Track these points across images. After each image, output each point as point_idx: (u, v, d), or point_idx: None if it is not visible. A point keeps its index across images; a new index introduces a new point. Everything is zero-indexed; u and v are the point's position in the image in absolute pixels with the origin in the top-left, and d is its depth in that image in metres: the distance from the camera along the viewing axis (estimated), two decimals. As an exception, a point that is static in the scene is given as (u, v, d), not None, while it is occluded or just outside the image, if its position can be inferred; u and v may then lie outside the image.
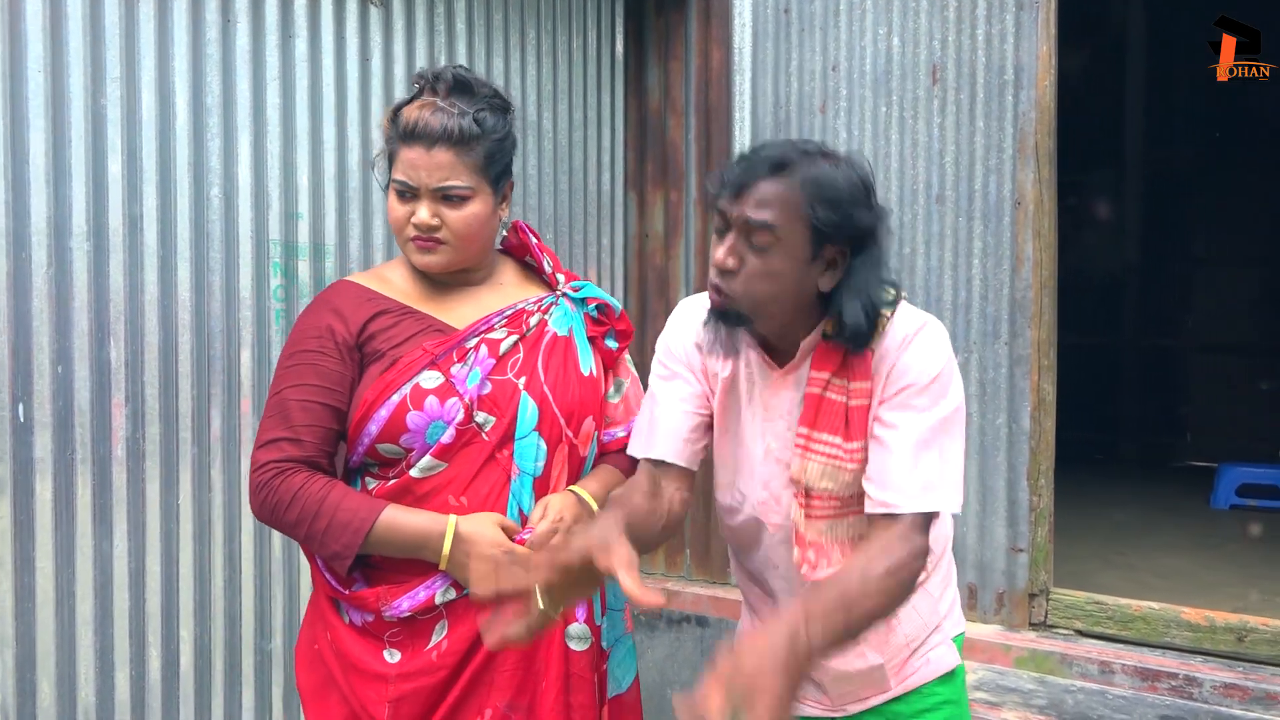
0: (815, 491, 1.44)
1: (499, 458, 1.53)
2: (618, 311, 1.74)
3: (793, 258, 1.35)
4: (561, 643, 1.58)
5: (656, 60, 3.76)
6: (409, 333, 1.55)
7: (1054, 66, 3.06)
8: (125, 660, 2.20)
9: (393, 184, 1.55)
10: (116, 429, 2.19)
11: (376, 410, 1.49)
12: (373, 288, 1.60)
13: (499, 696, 1.52)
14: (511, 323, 1.60)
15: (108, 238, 2.17)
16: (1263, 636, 2.81)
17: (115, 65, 2.18)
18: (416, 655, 1.51)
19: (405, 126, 1.52)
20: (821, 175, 1.34)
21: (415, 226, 1.54)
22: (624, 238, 3.80)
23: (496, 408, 1.53)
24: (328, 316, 1.54)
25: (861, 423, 1.41)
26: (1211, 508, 5.83)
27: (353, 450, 1.54)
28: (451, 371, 1.51)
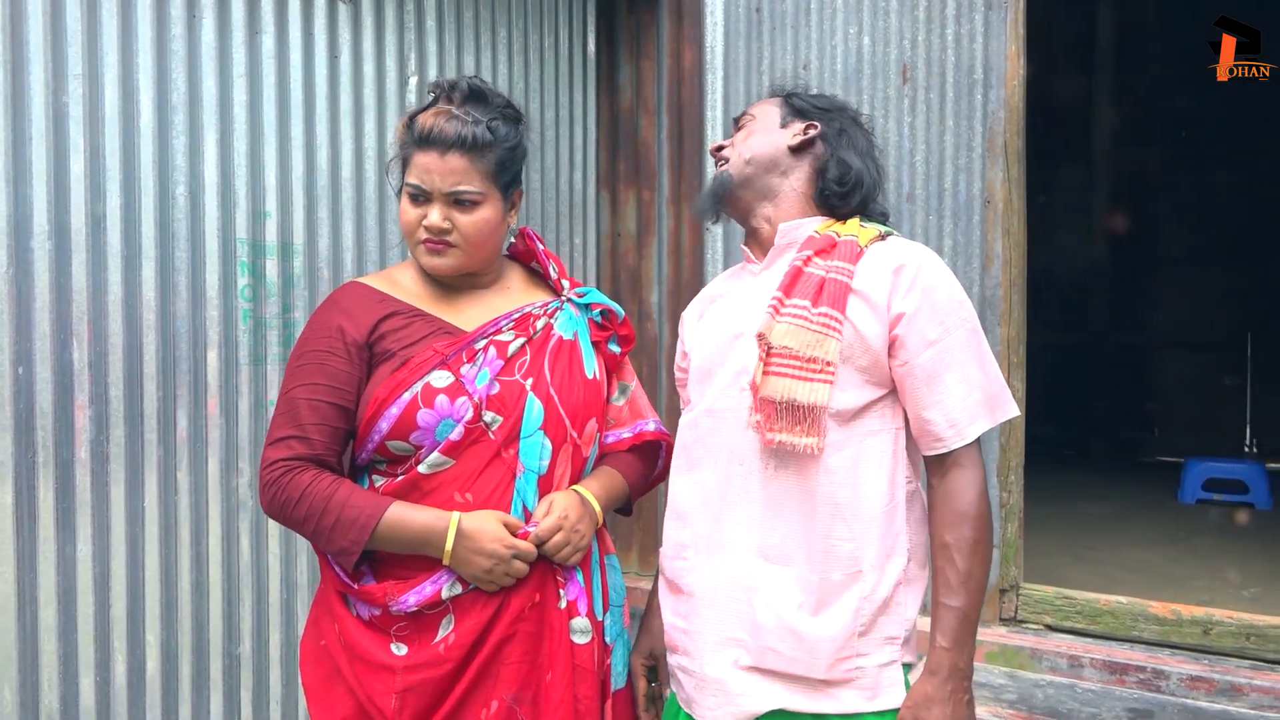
0: (776, 349, 1.49)
1: (505, 456, 1.58)
2: (620, 317, 1.82)
3: (766, 127, 1.67)
4: (566, 636, 1.62)
5: (628, 59, 3.76)
6: (420, 334, 1.60)
7: (1023, 66, 3.09)
8: (90, 666, 2.17)
9: (406, 187, 1.60)
10: (80, 431, 2.15)
11: (388, 408, 1.53)
12: (383, 290, 1.64)
13: (505, 689, 1.55)
14: (519, 326, 1.65)
15: (70, 237, 2.13)
16: (1228, 629, 2.85)
17: (77, 62, 2.14)
18: (424, 648, 1.54)
19: (420, 132, 1.58)
20: (801, 93, 1.71)
21: (426, 229, 1.59)
22: (596, 237, 3.80)
23: (504, 407, 1.57)
24: (338, 317, 1.58)
25: (835, 295, 1.50)
26: (1178, 502, 5.91)
27: (361, 448, 1.58)
28: (461, 371, 1.56)
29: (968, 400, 1.50)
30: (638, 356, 3.75)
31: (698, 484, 1.62)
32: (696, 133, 3.59)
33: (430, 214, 1.58)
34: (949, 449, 1.51)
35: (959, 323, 1.51)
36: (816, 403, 1.46)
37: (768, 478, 1.53)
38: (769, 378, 1.49)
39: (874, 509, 1.51)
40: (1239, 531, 5.05)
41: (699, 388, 1.68)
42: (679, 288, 3.65)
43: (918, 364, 1.50)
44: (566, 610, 1.62)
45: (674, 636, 1.65)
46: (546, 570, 1.61)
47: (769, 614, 1.50)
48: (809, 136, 1.64)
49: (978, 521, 1.50)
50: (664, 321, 3.70)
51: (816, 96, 1.72)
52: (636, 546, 3.77)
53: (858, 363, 1.51)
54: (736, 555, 1.55)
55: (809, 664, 1.48)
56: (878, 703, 1.49)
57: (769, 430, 1.49)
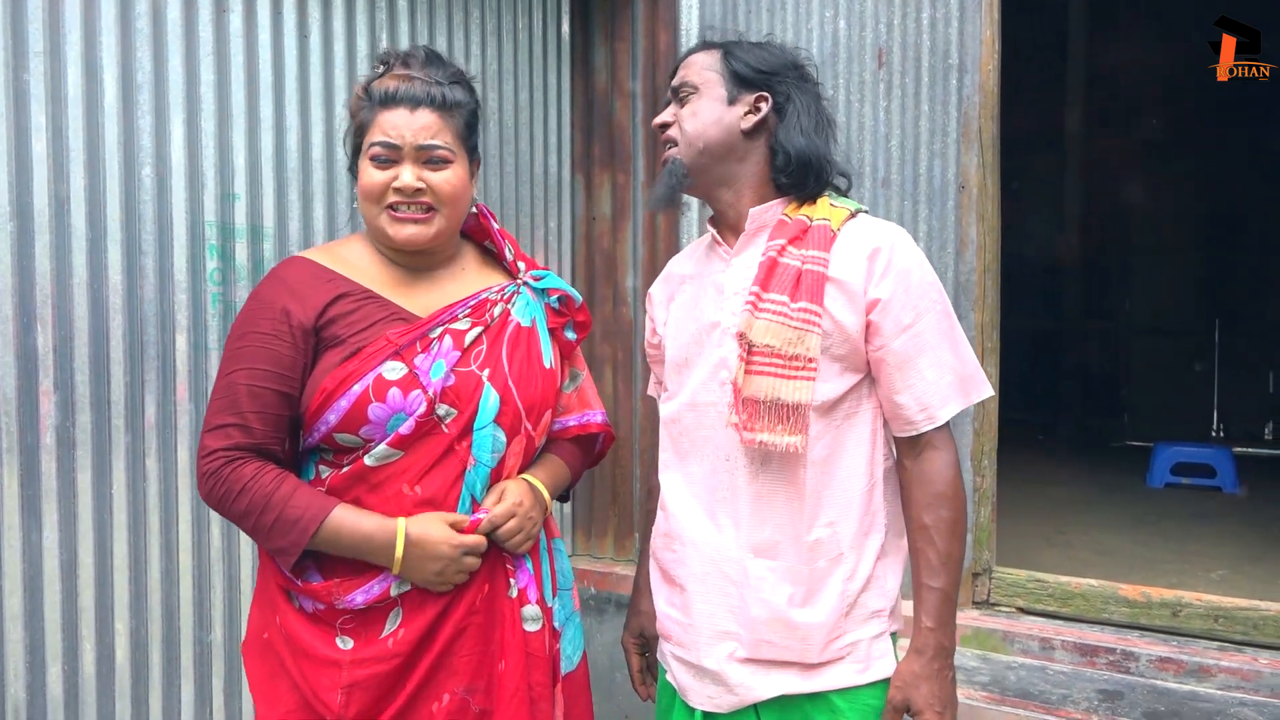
0: (757, 347, 1.48)
1: (458, 449, 1.52)
2: (578, 303, 1.74)
3: (712, 99, 1.58)
4: (518, 625, 1.59)
5: (603, 41, 3.73)
6: (371, 319, 1.51)
7: (997, 51, 3.09)
8: (57, 655, 2.14)
9: (370, 149, 1.50)
10: (45, 417, 2.11)
11: (336, 400, 1.46)
12: (332, 267, 1.54)
13: (457, 681, 1.52)
14: (475, 312, 1.57)
15: (33, 219, 2.09)
16: (1196, 611, 2.89)
17: (39, 39, 2.09)
18: (370, 643, 1.49)
19: (384, 93, 1.50)
20: (741, 44, 1.62)
21: (398, 191, 1.50)
22: (571, 220, 3.77)
23: (459, 400, 1.51)
24: (283, 297, 1.49)
25: (813, 287, 1.49)
26: (1148, 486, 5.99)
27: (307, 434, 1.52)
28: (415, 362, 1.48)
29: (939, 383, 1.50)
30: (612, 341, 3.73)
31: (686, 477, 1.63)
32: (672, 116, 3.57)
33: (401, 174, 1.50)
34: (919, 431, 1.52)
35: (930, 305, 1.51)
36: (801, 401, 1.46)
37: (754, 474, 1.53)
38: (751, 377, 1.48)
39: (854, 492, 1.53)
40: (1207, 515, 5.12)
41: (676, 377, 1.66)
42: (654, 272, 3.64)
43: (892, 349, 1.50)
44: (517, 599, 1.60)
45: (668, 626, 1.66)
46: (496, 559, 1.58)
47: (761, 607, 1.52)
48: (761, 115, 1.58)
49: (954, 502, 1.52)
50: (639, 306, 3.68)
51: (758, 54, 1.61)
52: (612, 532, 3.76)
53: (836, 352, 1.51)
54: (726, 550, 1.55)
55: (803, 651, 1.52)
56: (869, 674, 1.54)
57: (749, 430, 1.48)
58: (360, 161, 1.53)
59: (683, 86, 1.61)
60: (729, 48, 1.61)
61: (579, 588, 3.66)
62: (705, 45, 1.64)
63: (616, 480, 3.74)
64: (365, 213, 1.54)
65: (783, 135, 1.57)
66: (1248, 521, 4.92)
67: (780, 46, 1.64)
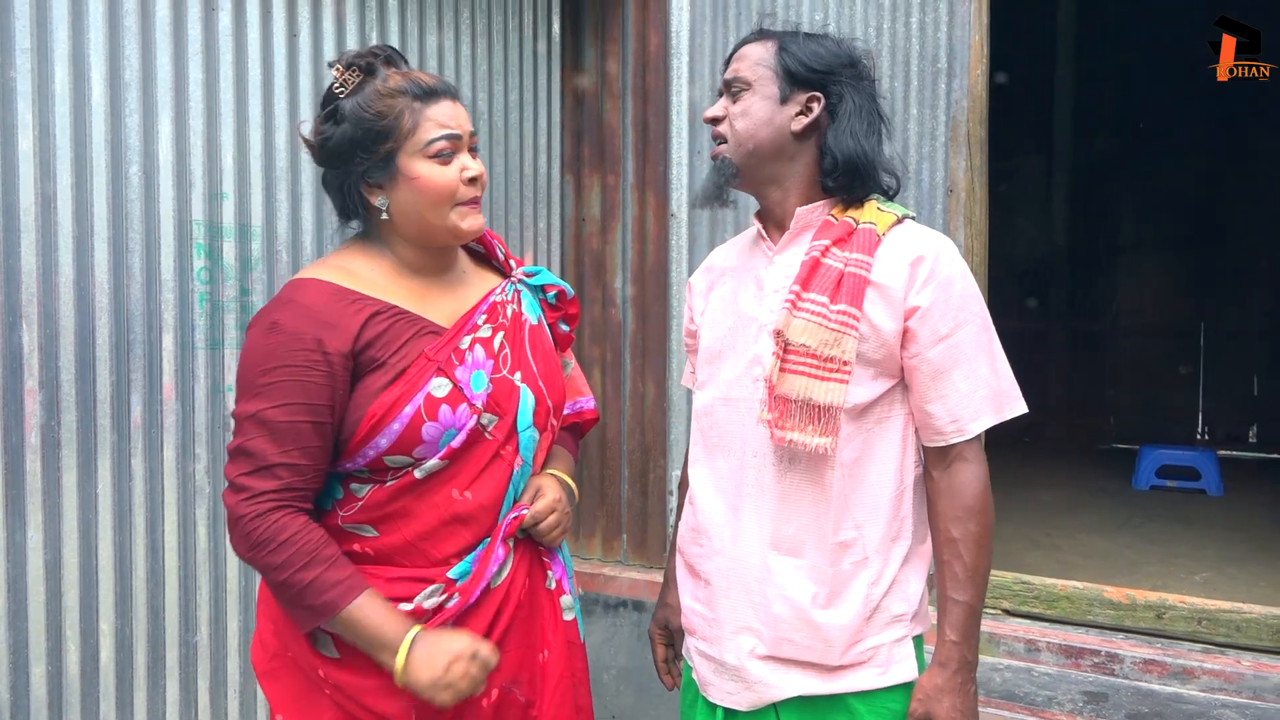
0: (793, 346, 1.47)
1: (504, 453, 1.52)
2: (570, 296, 1.75)
3: (764, 98, 1.54)
4: (559, 615, 1.62)
5: (593, 42, 3.73)
6: (404, 336, 1.46)
7: (986, 55, 3.10)
8: (41, 655, 2.13)
9: (432, 144, 1.45)
10: (30, 416, 2.10)
11: (388, 424, 1.42)
12: (350, 286, 1.47)
13: (503, 675, 1.53)
14: (491, 316, 1.57)
15: (18, 217, 2.07)
16: (1180, 614, 2.90)
17: (25, 35, 2.08)
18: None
19: (424, 87, 1.46)
20: (796, 37, 1.56)
21: (469, 181, 1.47)
22: (560, 221, 3.77)
23: (499, 407, 1.51)
24: (313, 326, 1.40)
25: (854, 290, 1.47)
26: (1133, 489, 6.02)
27: (349, 460, 1.46)
28: (456, 375, 1.46)
29: (972, 396, 1.49)
30: (601, 342, 3.74)
31: (713, 472, 1.63)
32: (662, 118, 3.57)
33: (468, 163, 1.47)
34: (949, 443, 1.51)
35: (970, 317, 1.50)
36: (833, 403, 1.45)
37: (781, 471, 1.53)
38: (786, 375, 1.47)
39: (883, 497, 1.53)
40: (1192, 517, 5.15)
41: (708, 368, 1.66)
42: (643, 273, 3.64)
43: (927, 358, 1.49)
44: (555, 590, 1.63)
45: (693, 620, 1.66)
46: (533, 553, 1.60)
47: (784, 605, 1.52)
48: (813, 118, 1.55)
49: (982, 516, 1.51)
50: (628, 308, 3.68)
51: (813, 50, 1.55)
52: (600, 533, 3.76)
53: (871, 356, 1.50)
54: (750, 547, 1.55)
55: (824, 652, 1.51)
56: (889, 677, 1.53)
57: (780, 428, 1.48)
58: (409, 162, 1.46)
59: (735, 81, 1.57)
60: (784, 42, 1.56)
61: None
62: (761, 35, 1.60)
63: (605, 482, 3.74)
64: (429, 215, 1.48)
65: (832, 138, 1.54)
66: (1232, 524, 4.95)
67: (837, 41, 1.59)
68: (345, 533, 1.49)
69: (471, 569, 1.49)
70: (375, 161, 1.46)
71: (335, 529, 1.48)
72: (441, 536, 1.48)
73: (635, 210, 3.65)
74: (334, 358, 1.40)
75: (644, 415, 3.65)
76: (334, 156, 1.49)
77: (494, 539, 1.52)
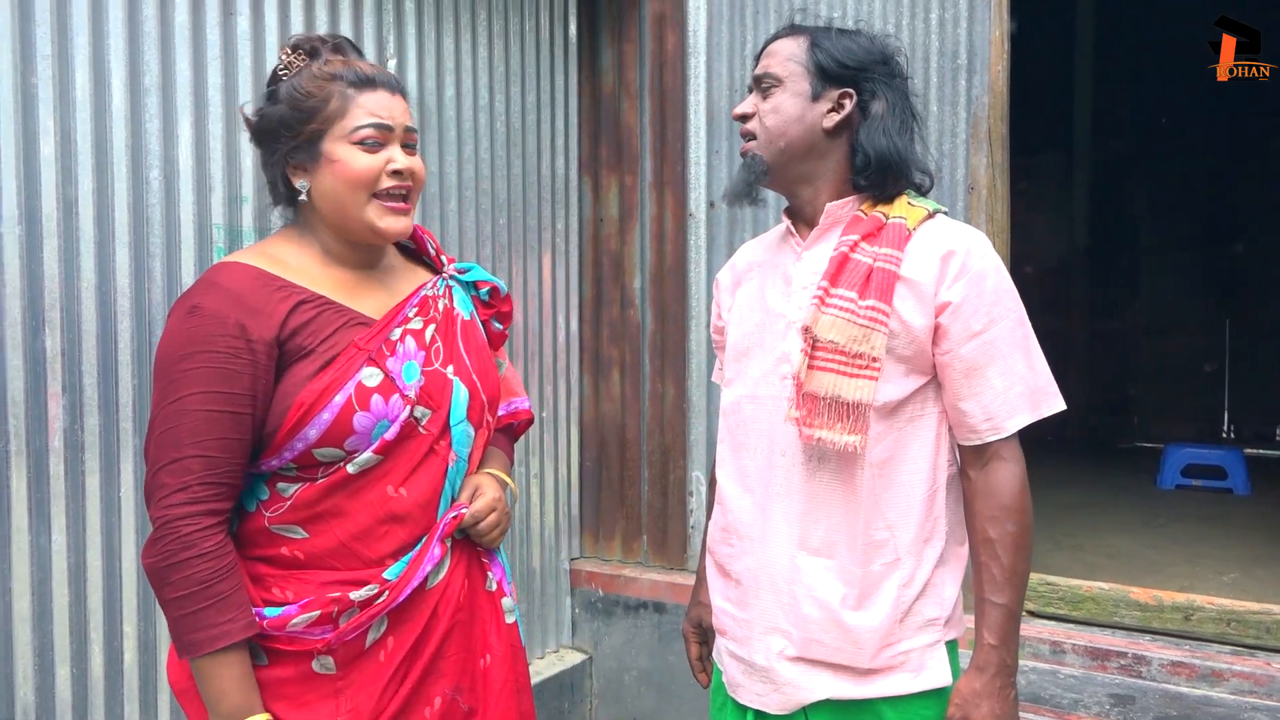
0: (822, 343, 1.45)
1: (438, 448, 1.50)
2: (503, 293, 1.72)
3: (795, 94, 1.52)
4: (500, 617, 1.59)
5: (610, 42, 3.72)
6: (332, 326, 1.42)
7: (1006, 51, 3.07)
8: (66, 658, 2.14)
9: (357, 131, 1.42)
10: (53, 420, 2.11)
11: (317, 414, 1.37)
12: (276, 273, 1.42)
13: (445, 683, 1.50)
14: (422, 309, 1.53)
15: (41, 222, 2.09)
16: (1209, 615, 2.87)
17: (46, 43, 2.09)
18: (358, 660, 1.43)
19: (360, 75, 1.44)
20: (829, 33, 1.54)
21: (396, 175, 1.44)
22: (578, 222, 3.77)
23: (431, 400, 1.48)
24: (235, 311, 1.35)
25: (883, 285, 1.45)
26: (1158, 488, 5.96)
27: (274, 455, 1.40)
28: (388, 366, 1.43)
29: (1008, 394, 1.46)
30: (620, 343, 3.73)
31: (741, 471, 1.61)
32: (679, 117, 3.56)
33: (395, 156, 1.44)
34: (984, 441, 1.49)
35: (1004, 312, 1.47)
36: (862, 400, 1.43)
37: (810, 471, 1.50)
38: (814, 372, 1.45)
39: (915, 498, 1.50)
40: (1218, 517, 5.09)
41: (736, 365, 1.64)
42: (662, 274, 3.63)
43: (960, 354, 1.47)
44: (496, 591, 1.59)
45: (724, 621, 1.65)
46: (471, 555, 1.56)
47: (813, 606, 1.50)
48: (845, 114, 1.52)
49: (1020, 516, 1.48)
50: (646, 308, 3.67)
51: (846, 46, 1.53)
52: (620, 535, 3.76)
53: (901, 353, 1.47)
54: (779, 547, 1.53)
55: (854, 654, 1.49)
56: (921, 681, 1.51)
57: (809, 426, 1.45)
58: (333, 145, 1.43)
59: (765, 77, 1.55)
60: (816, 37, 1.54)
61: (587, 590, 3.66)
62: (792, 30, 1.58)
63: (624, 484, 3.74)
64: (346, 202, 1.44)
65: (864, 136, 1.51)
66: (1259, 524, 4.88)
67: (870, 37, 1.57)
68: (272, 535, 1.43)
69: (405, 568, 1.45)
70: (300, 142, 1.44)
71: (261, 531, 1.43)
72: (376, 536, 1.43)
73: (653, 210, 3.64)
74: (257, 345, 1.35)
75: (664, 416, 3.63)
76: (263, 135, 1.48)
77: (430, 537, 1.47)
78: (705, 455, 3.54)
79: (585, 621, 3.70)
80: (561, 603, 3.69)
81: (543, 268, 3.57)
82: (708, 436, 3.54)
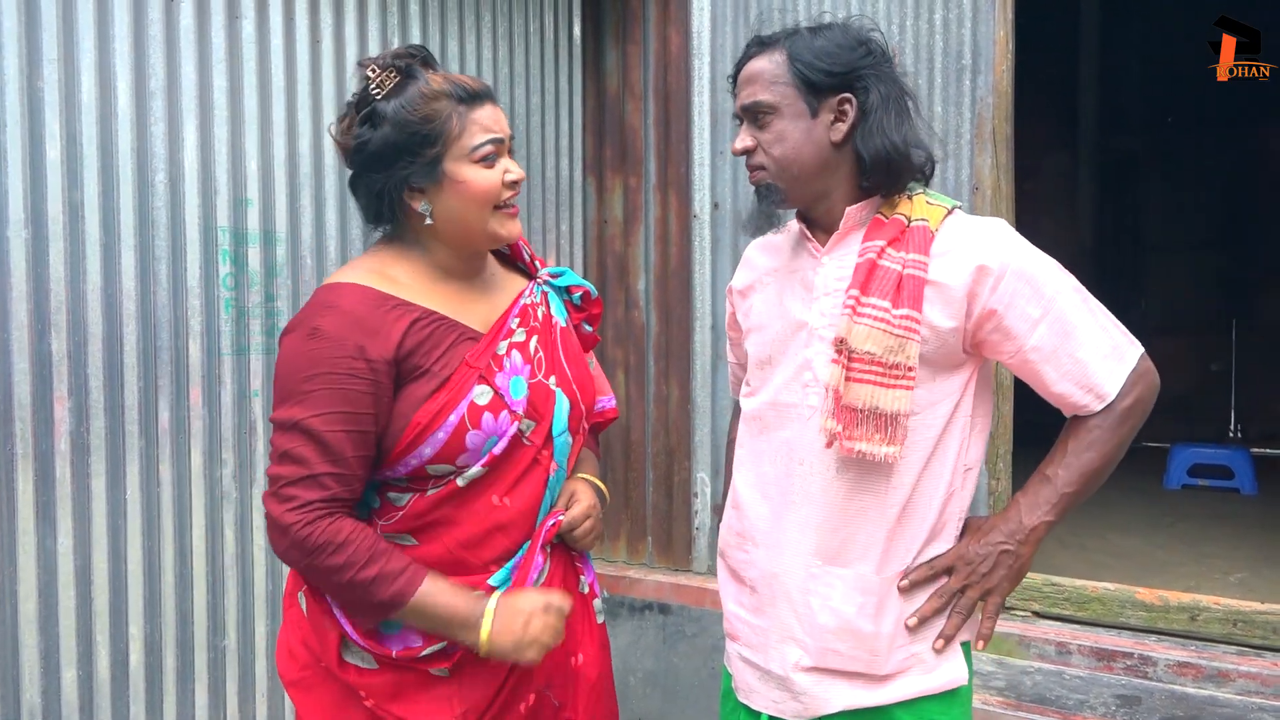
0: (857, 354, 1.42)
1: (541, 458, 1.51)
2: (594, 296, 1.73)
3: (794, 118, 1.48)
4: (592, 617, 1.63)
5: (614, 44, 3.72)
6: (444, 342, 1.45)
7: (1011, 51, 3.07)
8: (72, 659, 2.15)
9: (479, 149, 1.43)
10: (59, 422, 2.12)
11: (432, 433, 1.40)
12: (389, 291, 1.44)
13: (537, 680, 1.53)
14: (523, 320, 1.55)
15: (47, 225, 2.10)
16: (1215, 615, 2.86)
17: (52, 46, 2.10)
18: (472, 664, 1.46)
19: (466, 90, 1.44)
20: (801, 39, 1.48)
21: (511, 185, 1.47)
22: (583, 224, 3.77)
23: (536, 412, 1.50)
24: (354, 333, 1.38)
25: (914, 292, 1.43)
26: (1164, 488, 5.94)
27: (389, 468, 1.45)
28: (497, 382, 1.45)
29: (1095, 362, 1.45)
30: (625, 345, 3.73)
31: (759, 477, 1.59)
32: (683, 118, 3.56)
33: (510, 166, 1.47)
34: (1102, 407, 1.47)
35: (1056, 289, 1.46)
36: (900, 410, 1.41)
37: (829, 480, 1.49)
38: (851, 384, 1.43)
39: (932, 501, 1.49)
40: (1225, 516, 5.08)
41: (759, 373, 1.62)
42: (666, 275, 3.63)
43: (1033, 345, 1.45)
44: (589, 593, 1.64)
45: (736, 626, 1.63)
46: (566, 558, 1.60)
47: (829, 615, 1.49)
48: (850, 121, 1.48)
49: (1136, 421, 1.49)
50: (651, 309, 3.68)
51: (823, 49, 1.47)
52: (625, 536, 3.76)
53: (930, 357, 1.46)
54: (794, 555, 1.52)
55: (870, 662, 1.48)
56: (933, 679, 1.49)
57: (849, 439, 1.43)
58: (456, 166, 1.44)
59: (756, 107, 1.49)
60: (792, 49, 1.48)
61: (592, 591, 3.66)
62: (762, 46, 1.52)
63: (629, 485, 3.74)
64: (472, 219, 1.46)
65: (860, 140, 1.47)
66: (1266, 523, 4.87)
67: (843, 28, 1.51)
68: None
69: (511, 577, 1.48)
70: (420, 166, 1.43)
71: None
72: (481, 544, 1.47)
73: (658, 212, 3.65)
74: (378, 365, 1.38)
75: (668, 418, 3.64)
76: (373, 160, 1.44)
77: (533, 545, 1.50)
78: (710, 457, 3.54)
79: (590, 623, 3.70)
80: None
81: (547, 269, 3.58)
82: (712, 438, 3.53)
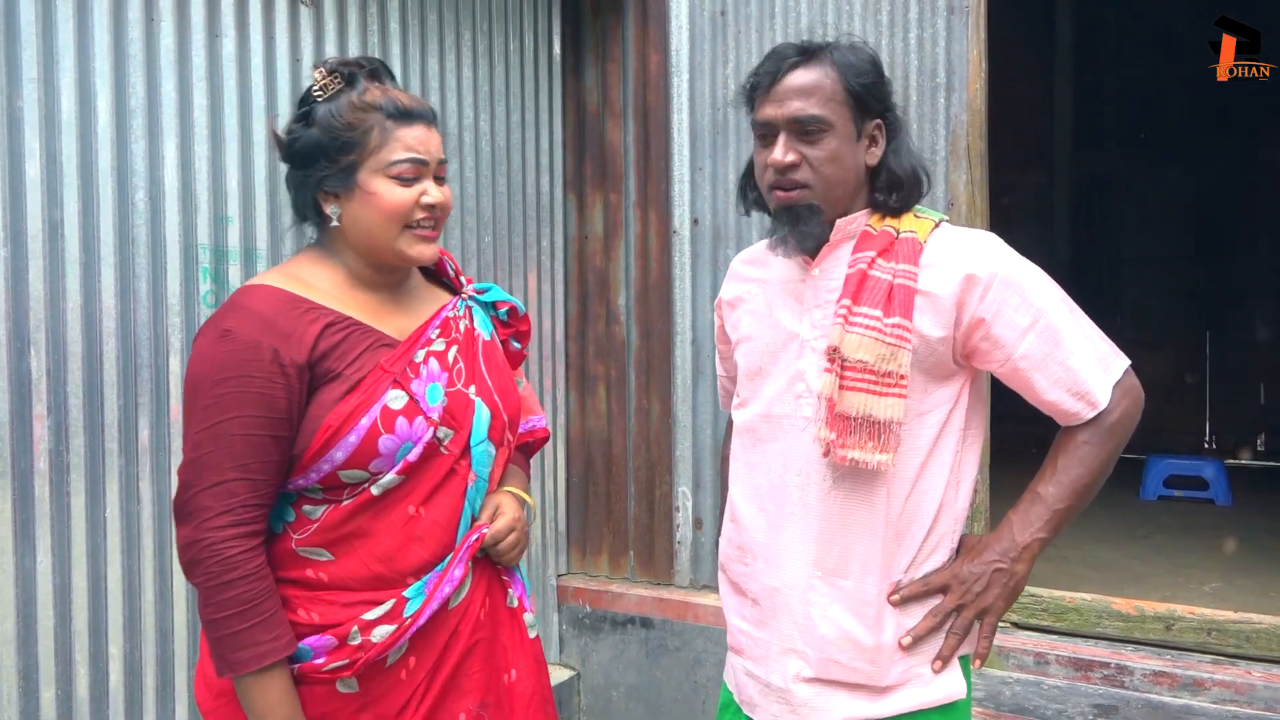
0: (850, 363, 1.43)
1: (459, 468, 1.51)
2: (521, 313, 1.73)
3: (845, 138, 1.48)
4: (523, 632, 1.61)
5: (594, 62, 3.76)
6: (359, 348, 1.44)
7: (984, 70, 3.12)
8: (50, 679, 2.13)
9: (394, 165, 1.44)
10: (38, 441, 2.11)
11: (344, 436, 1.39)
12: (301, 294, 1.43)
13: (469, 699, 1.51)
14: (444, 331, 1.55)
15: (26, 244, 2.09)
16: (1189, 625, 2.89)
17: (32, 65, 2.11)
18: (380, 680, 1.44)
19: (399, 107, 1.45)
20: (842, 54, 1.48)
21: (427, 208, 1.47)
22: (564, 240, 3.79)
23: (454, 420, 1.49)
24: (267, 335, 1.37)
25: (904, 302, 1.44)
26: (1140, 499, 6.00)
27: (301, 475, 1.42)
28: (412, 388, 1.45)
29: (1085, 368, 1.47)
30: (606, 359, 3.74)
31: (754, 489, 1.60)
32: (662, 136, 3.59)
33: (429, 189, 1.47)
34: (1091, 415, 1.49)
35: (1045, 300, 1.48)
36: (893, 417, 1.43)
37: (825, 491, 1.50)
38: (845, 393, 1.44)
39: (927, 512, 1.50)
40: (1200, 527, 5.13)
41: (750, 385, 1.63)
42: (647, 290, 3.65)
43: (1020, 355, 1.47)
44: (518, 608, 1.62)
45: (739, 639, 1.64)
46: (491, 573, 1.58)
47: (829, 626, 1.49)
48: (883, 147, 1.52)
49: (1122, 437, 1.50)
50: (632, 324, 3.69)
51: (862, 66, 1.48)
52: (606, 550, 3.76)
53: (921, 366, 1.48)
54: (794, 567, 1.53)
55: (871, 673, 1.49)
56: (932, 691, 1.50)
57: (842, 447, 1.44)
58: (369, 178, 1.44)
59: (811, 121, 1.46)
60: (841, 66, 1.47)
61: (574, 606, 3.67)
62: (808, 56, 1.49)
63: (611, 498, 3.75)
64: (378, 233, 1.46)
65: (892, 159, 1.51)
66: (1240, 534, 4.93)
67: (866, 48, 1.52)
68: (299, 558, 1.44)
69: (426, 591, 1.46)
70: (336, 171, 1.44)
71: (288, 554, 1.44)
72: (397, 555, 1.45)
73: (638, 228, 3.67)
74: (290, 369, 1.37)
75: (649, 432, 3.65)
76: (298, 157, 1.47)
77: (453, 559, 1.49)
78: (691, 471, 3.56)
79: (572, 637, 3.70)
80: (549, 619, 3.69)
81: (528, 285, 3.59)
82: (693, 452, 3.55)
